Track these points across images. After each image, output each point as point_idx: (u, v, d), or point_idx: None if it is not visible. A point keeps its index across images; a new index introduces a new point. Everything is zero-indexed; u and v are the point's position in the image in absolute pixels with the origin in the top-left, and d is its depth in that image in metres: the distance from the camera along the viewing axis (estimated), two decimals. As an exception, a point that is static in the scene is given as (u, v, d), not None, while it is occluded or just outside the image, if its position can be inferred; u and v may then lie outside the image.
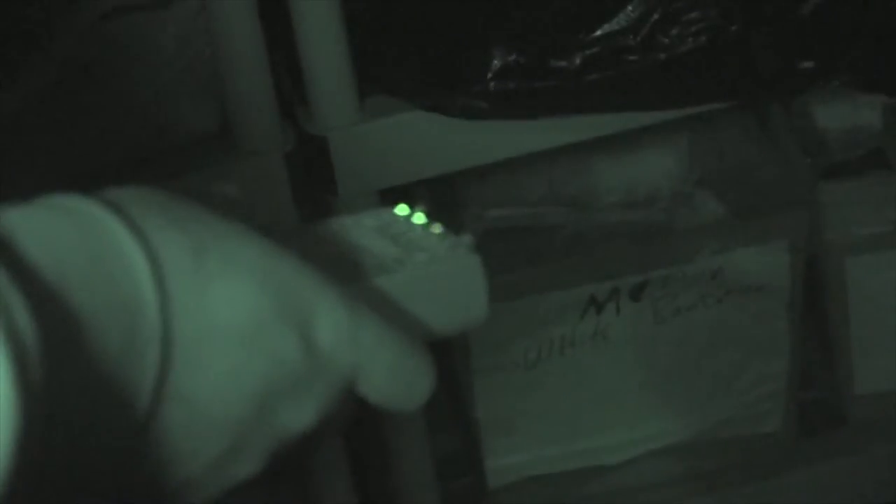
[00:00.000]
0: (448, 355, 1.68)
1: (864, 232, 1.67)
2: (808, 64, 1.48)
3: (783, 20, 1.48)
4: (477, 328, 1.56)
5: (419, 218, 0.78)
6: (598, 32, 1.44)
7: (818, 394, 1.76)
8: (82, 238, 0.61)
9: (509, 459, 1.68)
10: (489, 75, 1.44)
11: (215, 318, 0.65)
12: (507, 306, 1.64)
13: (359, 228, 0.77)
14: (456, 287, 0.76)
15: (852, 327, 1.70)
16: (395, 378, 0.71)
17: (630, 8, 1.44)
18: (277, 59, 1.45)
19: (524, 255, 1.68)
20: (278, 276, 0.67)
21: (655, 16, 1.45)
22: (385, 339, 0.70)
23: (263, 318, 0.66)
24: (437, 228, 0.77)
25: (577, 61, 1.44)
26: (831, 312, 1.71)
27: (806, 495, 1.71)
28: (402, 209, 0.79)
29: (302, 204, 1.41)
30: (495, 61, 1.43)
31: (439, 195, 1.72)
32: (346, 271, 0.73)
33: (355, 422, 1.61)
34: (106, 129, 1.46)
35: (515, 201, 1.75)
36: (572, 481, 1.70)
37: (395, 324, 0.71)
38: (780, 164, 1.71)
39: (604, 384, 1.67)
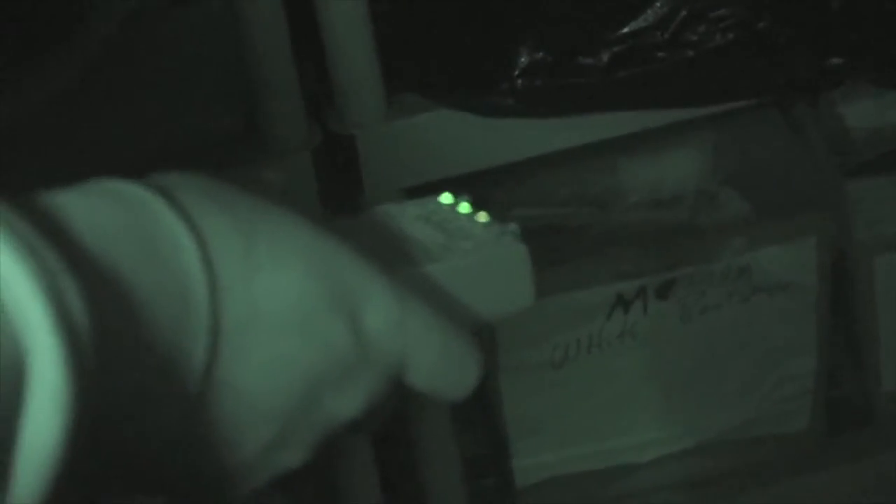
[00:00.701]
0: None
1: (892, 230, 1.67)
2: (836, 61, 1.48)
3: (811, 17, 1.48)
4: (503, 327, 1.56)
5: (464, 207, 0.76)
6: (626, 29, 1.44)
7: (846, 392, 1.74)
8: (133, 222, 0.61)
9: (536, 459, 1.67)
10: (516, 73, 1.43)
11: (264, 304, 0.64)
12: (533, 307, 1.59)
13: (404, 217, 0.76)
14: (502, 274, 0.75)
15: (881, 326, 1.69)
16: (443, 366, 0.70)
17: (658, 4, 1.44)
18: (304, 57, 1.44)
19: (550, 254, 1.66)
20: (327, 262, 0.66)
21: (683, 12, 1.44)
22: (433, 326, 0.69)
23: (312, 305, 0.65)
24: (482, 217, 0.76)
25: (605, 58, 1.44)
26: (859, 311, 1.70)
27: (834, 495, 1.69)
28: (446, 198, 0.77)
29: (328, 203, 1.40)
30: (522, 59, 1.43)
31: (469, 193, 1.69)
32: (392, 259, 0.71)
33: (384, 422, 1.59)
34: (132, 129, 1.46)
35: (541, 201, 1.75)
36: (599, 481, 1.69)
37: (443, 312, 0.70)
38: (806, 162, 1.71)
39: (631, 383, 1.67)
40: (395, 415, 1.64)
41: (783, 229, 1.65)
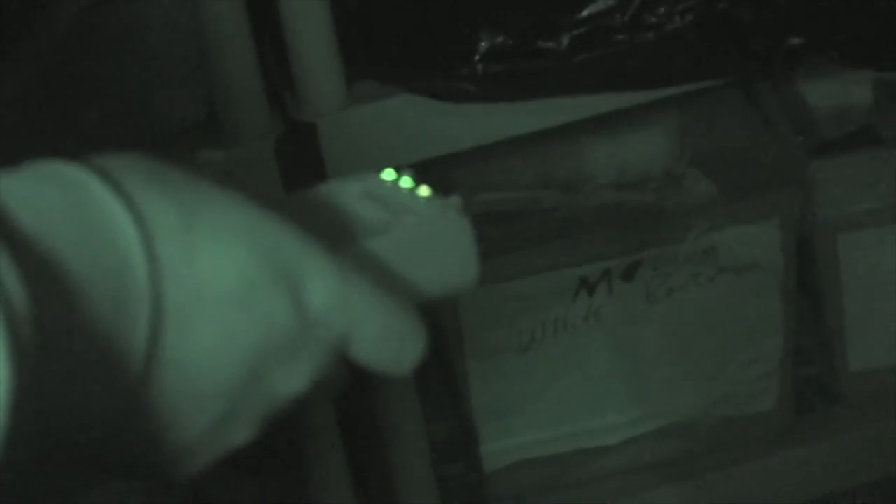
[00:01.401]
0: (441, 340, 1.67)
1: (855, 209, 1.67)
2: (796, 40, 1.47)
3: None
4: (469, 312, 1.54)
5: (406, 181, 0.75)
6: (586, 12, 1.44)
7: (813, 371, 1.76)
8: (70, 203, 0.60)
9: (504, 443, 1.67)
10: (477, 58, 1.43)
11: (205, 281, 0.64)
12: (498, 289, 1.63)
13: (345, 193, 0.75)
14: (446, 248, 0.74)
15: (846, 304, 1.70)
16: (386, 341, 0.69)
17: None
18: (264, 46, 1.44)
19: (515, 237, 1.68)
20: (268, 239, 0.66)
21: None
22: (376, 301, 0.69)
23: (254, 282, 0.65)
24: (424, 191, 0.75)
25: (565, 42, 1.44)
26: (824, 290, 1.71)
27: (802, 472, 1.70)
28: (388, 173, 0.76)
29: (291, 191, 1.39)
30: (482, 43, 1.43)
31: (432, 178, 1.70)
32: (334, 235, 0.71)
33: (351, 409, 1.59)
34: (93, 119, 1.47)
35: (506, 184, 1.77)
36: (568, 464, 1.69)
37: (386, 286, 0.70)
38: (770, 142, 1.71)
39: (598, 366, 1.67)
40: (364, 403, 1.64)
41: (748, 209, 1.65)
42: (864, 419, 1.71)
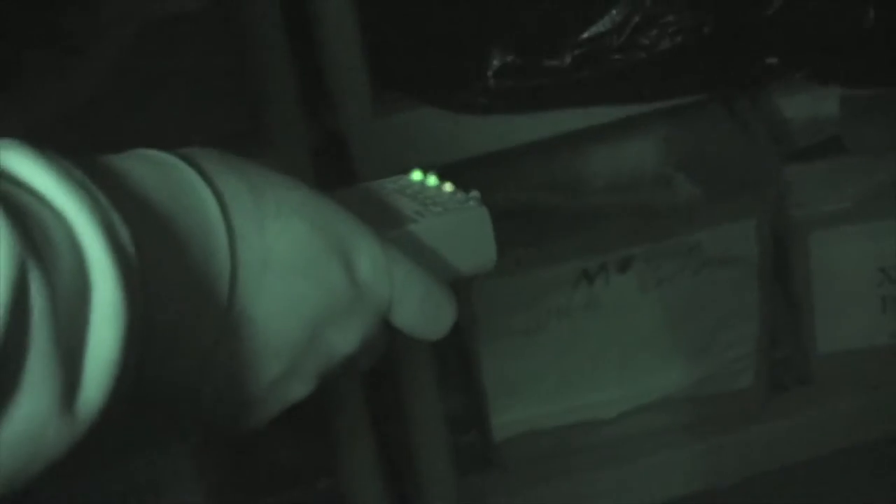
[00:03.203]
0: (457, 325, 1.64)
1: (824, 209, 1.67)
2: (772, 60, 1.48)
3: (750, 22, 1.48)
4: (482, 300, 1.51)
5: (432, 180, 0.75)
6: (586, 35, 1.44)
7: (785, 353, 1.75)
8: (165, 178, 0.61)
9: (512, 416, 1.68)
10: (489, 74, 1.44)
11: (273, 249, 0.64)
12: (508, 280, 1.64)
13: (381, 190, 0.76)
14: (467, 234, 0.74)
15: (815, 295, 1.70)
16: (423, 308, 0.69)
17: (614, 12, 1.44)
18: (301, 63, 1.43)
19: (523, 234, 1.66)
20: (324, 217, 0.66)
21: (636, 19, 1.44)
22: (414, 275, 0.69)
23: (314, 252, 0.65)
24: (448, 186, 0.75)
25: (568, 60, 1.44)
26: (796, 282, 1.71)
27: (775, 443, 1.70)
28: (416, 174, 0.76)
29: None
30: (494, 61, 1.44)
31: (451, 178, 1.71)
32: (374, 223, 0.70)
33: (376, 384, 1.55)
34: (142, 128, 1.43)
35: (515, 186, 1.73)
36: (570, 434, 1.69)
37: (422, 263, 0.70)
38: (748, 149, 1.70)
39: (596, 348, 1.67)
40: (386, 378, 1.61)
41: (728, 209, 1.65)
42: (831, 397, 1.70)
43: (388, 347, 0.73)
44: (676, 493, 1.71)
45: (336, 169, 1.41)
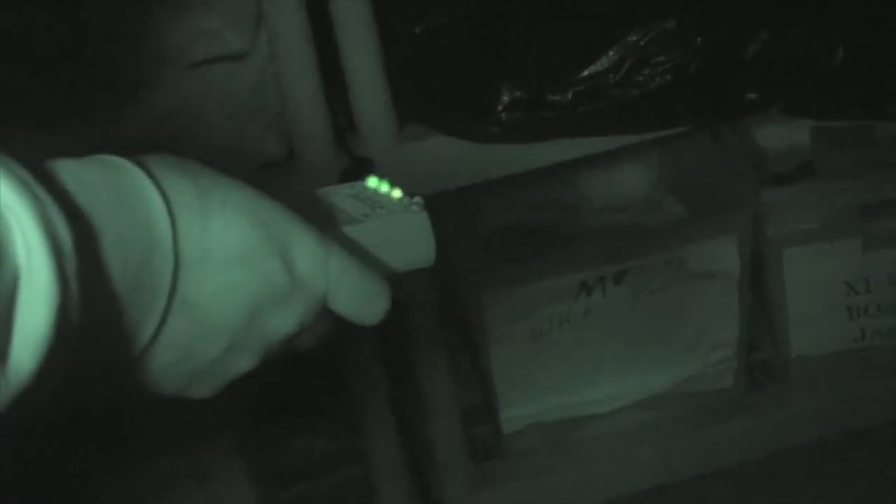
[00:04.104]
0: (470, 330, 1.71)
1: (797, 229, 1.69)
2: (751, 95, 1.51)
3: (731, 61, 1.50)
4: (492, 308, 1.55)
5: (384, 186, 0.79)
6: (585, 73, 1.47)
7: (762, 356, 1.77)
8: (111, 180, 0.63)
9: (519, 411, 1.71)
10: (500, 108, 1.47)
11: (215, 244, 0.66)
12: (516, 291, 1.67)
13: (338, 195, 0.79)
14: (406, 234, 0.77)
15: (788, 304, 1.72)
16: (357, 297, 0.72)
17: (611, 53, 1.47)
18: (332, 96, 1.46)
19: (529, 249, 1.71)
20: (266, 215, 0.68)
21: (630, 59, 1.48)
22: (350, 268, 0.71)
23: (253, 247, 0.67)
24: (397, 193, 0.78)
25: (569, 96, 1.47)
26: (771, 293, 1.73)
27: (753, 437, 1.72)
28: (372, 181, 0.80)
29: None
30: (504, 97, 1.47)
31: (464, 202, 1.72)
32: (326, 223, 0.75)
33: (399, 384, 1.51)
34: (193, 154, 1.46)
35: (522, 207, 1.78)
36: (569, 428, 1.72)
37: (359, 258, 0.73)
38: (730, 175, 1.73)
39: (593, 351, 1.70)
40: (408, 378, 1.55)
41: (711, 228, 1.68)
42: (803, 395, 1.72)
43: (331, 329, 0.75)
44: (664, 481, 1.72)
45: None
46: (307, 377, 1.71)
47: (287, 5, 1.43)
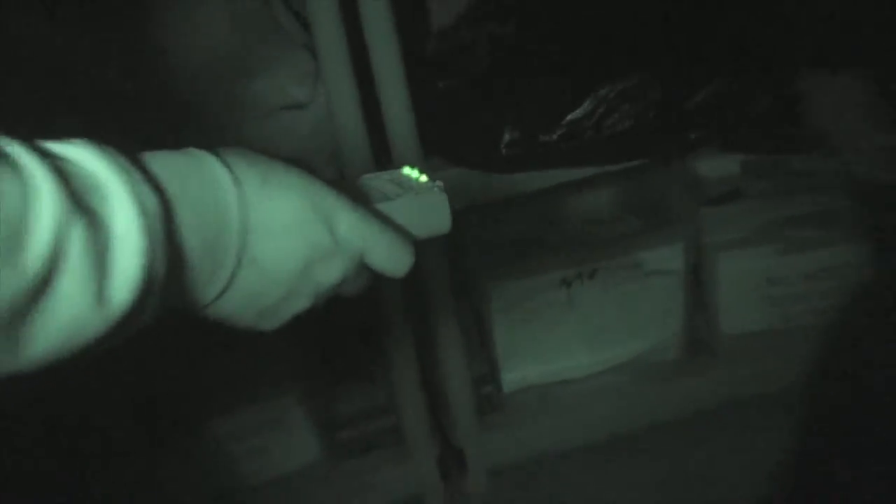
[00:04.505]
0: (479, 313, 1.82)
1: (728, 238, 1.81)
2: (694, 135, 1.62)
3: (679, 110, 1.61)
4: (496, 298, 1.64)
5: (414, 172, 0.82)
6: (567, 119, 1.59)
7: (700, 335, 1.87)
8: (193, 166, 0.66)
9: (515, 375, 1.83)
10: (502, 145, 1.59)
11: (274, 215, 0.68)
12: (514, 284, 1.77)
13: (379, 179, 0.82)
14: (430, 209, 0.80)
15: (721, 296, 1.82)
16: (388, 255, 0.74)
17: (586, 103, 1.58)
18: (374, 137, 1.54)
19: (525, 252, 1.82)
20: (313, 193, 0.70)
21: (601, 109, 1.58)
22: (380, 232, 0.74)
23: (303, 217, 0.69)
24: (424, 177, 0.82)
25: (555, 137, 1.58)
26: (708, 286, 1.84)
27: (692, 397, 1.82)
28: (406, 169, 0.84)
29: None
30: (506, 137, 1.59)
31: (476, 219, 1.82)
32: (366, 199, 0.78)
33: (421, 351, 1.56)
34: None
35: (520, 220, 1.91)
36: (554, 388, 1.84)
37: (390, 225, 0.75)
38: (677, 196, 1.85)
39: (572, 330, 1.81)
40: (428, 347, 1.59)
41: (663, 237, 1.80)
42: (731, 364, 1.81)
43: (369, 281, 0.76)
44: (625, 430, 1.81)
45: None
46: (356, 349, 1.81)
47: (339, 68, 1.50)
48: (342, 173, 1.57)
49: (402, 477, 1.80)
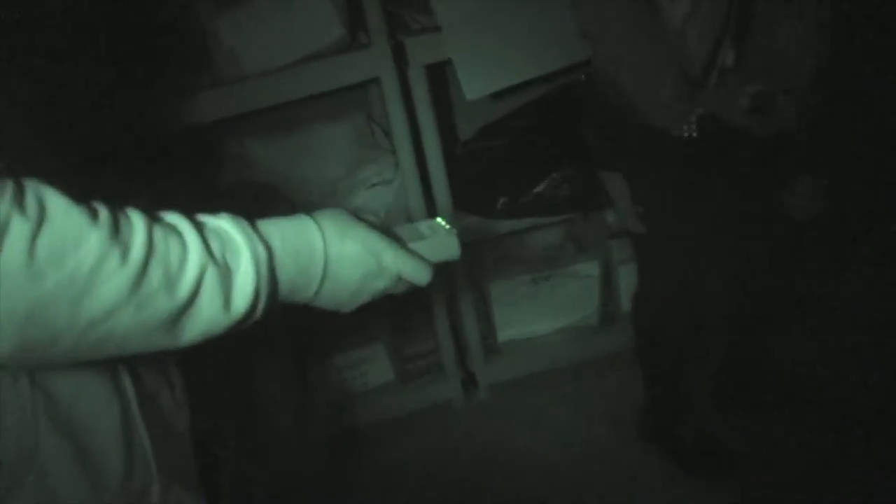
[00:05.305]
0: (483, 297, 2.07)
1: (623, 257, 2.07)
2: (602, 198, 1.76)
3: (593, 187, 1.79)
4: (492, 287, 2.03)
5: (441, 222, 0.84)
6: (535, 189, 1.88)
7: (610, 311, 2.15)
8: (294, 224, 0.71)
9: (506, 332, 2.11)
10: (498, 205, 1.89)
11: (344, 254, 0.72)
12: (503, 281, 2.04)
13: (416, 227, 0.83)
14: (446, 245, 0.82)
15: (621, 289, 2.11)
16: (413, 275, 0.78)
17: (545, 182, 1.87)
18: (426, 200, 1.76)
19: (509, 263, 2.09)
20: (371, 241, 0.74)
21: (554, 184, 1.86)
22: (409, 261, 0.77)
23: (362, 255, 0.74)
24: (446, 225, 0.83)
25: (529, 199, 1.86)
26: (614, 284, 2.14)
27: (605, 345, 2.08)
28: (439, 219, 0.85)
29: None
30: (500, 199, 1.88)
31: (483, 245, 2.06)
32: (408, 240, 0.80)
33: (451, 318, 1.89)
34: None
35: (508, 249, 2.17)
36: (527, 341, 2.10)
37: (416, 256, 0.78)
38: (598, 233, 2.12)
39: (537, 307, 2.08)
40: (454, 315, 1.85)
41: (587, 256, 2.11)
42: (627, 329, 1.83)
43: (408, 288, 0.79)
44: (568, 363, 2.05)
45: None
46: (415, 316, 2.06)
47: (408, 160, 1.75)
48: (408, 218, 1.74)
49: (440, 389, 2.07)
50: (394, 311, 2.05)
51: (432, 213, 1.72)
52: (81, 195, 0.63)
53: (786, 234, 1.61)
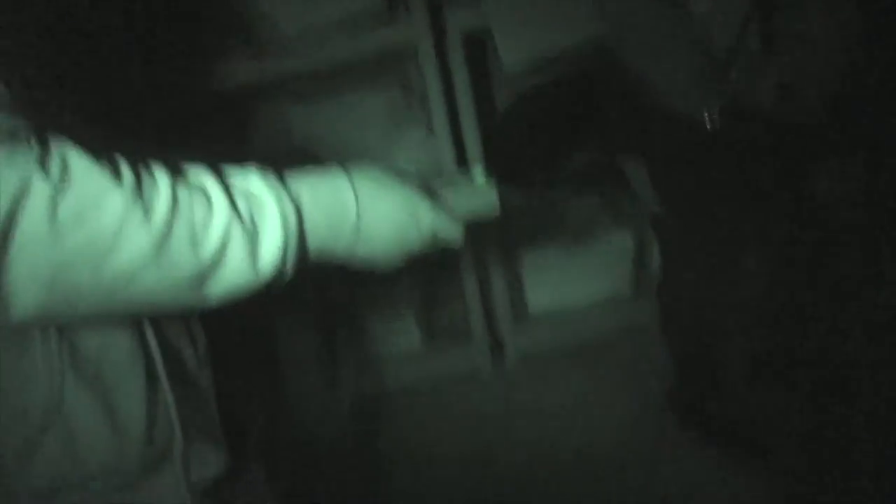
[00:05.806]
0: (511, 252, 2.05)
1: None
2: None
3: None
4: (524, 245, 1.99)
5: (480, 175, 0.84)
6: (571, 162, 1.75)
7: (642, 282, 2.06)
8: (326, 179, 0.70)
9: (539, 301, 2.09)
10: (535, 178, 1.76)
11: (379, 210, 0.72)
12: (540, 250, 2.01)
13: (455, 181, 0.83)
14: (484, 199, 0.81)
15: (655, 259, 1.93)
16: (450, 232, 0.78)
17: (582, 154, 1.74)
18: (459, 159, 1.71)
19: (544, 236, 2.05)
20: (407, 196, 0.74)
21: (591, 156, 1.73)
22: (445, 221, 0.76)
23: (397, 212, 0.74)
24: (484, 176, 0.83)
25: (564, 172, 1.75)
26: (647, 255, 2.07)
27: (636, 314, 2.05)
28: (477, 171, 0.83)
29: None
30: (538, 172, 1.75)
31: (518, 220, 2.01)
32: (442, 195, 0.78)
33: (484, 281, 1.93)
34: None
35: (548, 217, 2.08)
36: (556, 312, 2.10)
37: (449, 213, 0.77)
38: (627, 205, 2.06)
39: (572, 276, 2.08)
40: (484, 280, 1.81)
41: (622, 228, 2.05)
42: (653, 300, 1.82)
43: (439, 248, 0.78)
44: (597, 333, 2.02)
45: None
46: (446, 288, 2.09)
47: (442, 123, 1.74)
48: (440, 172, 1.62)
49: (469, 357, 2.06)
50: (424, 277, 2.08)
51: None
52: (106, 150, 0.63)
53: (817, 220, 1.58)
